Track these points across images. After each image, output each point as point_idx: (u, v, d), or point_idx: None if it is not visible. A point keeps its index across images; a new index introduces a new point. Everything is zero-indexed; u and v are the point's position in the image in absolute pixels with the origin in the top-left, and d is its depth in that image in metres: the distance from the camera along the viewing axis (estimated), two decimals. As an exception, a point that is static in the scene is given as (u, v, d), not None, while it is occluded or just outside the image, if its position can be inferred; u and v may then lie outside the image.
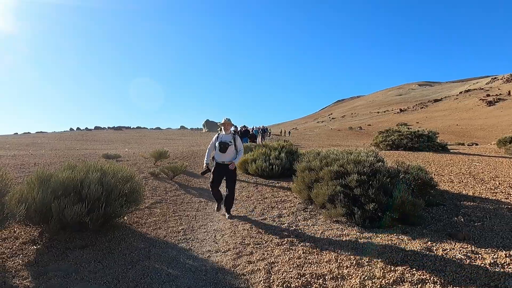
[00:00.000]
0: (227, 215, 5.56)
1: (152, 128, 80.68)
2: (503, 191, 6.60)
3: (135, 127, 79.08)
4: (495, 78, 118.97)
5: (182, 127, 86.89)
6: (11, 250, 3.85)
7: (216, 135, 5.66)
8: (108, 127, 74.86)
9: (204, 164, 5.57)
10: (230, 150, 5.44)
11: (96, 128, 73.74)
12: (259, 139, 24.66)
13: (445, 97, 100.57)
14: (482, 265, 3.32)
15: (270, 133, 35.51)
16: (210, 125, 70.32)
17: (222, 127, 5.60)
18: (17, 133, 54.87)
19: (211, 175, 5.52)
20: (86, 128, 72.17)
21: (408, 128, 18.51)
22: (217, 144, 5.49)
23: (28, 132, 57.44)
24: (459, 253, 3.63)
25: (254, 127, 27.03)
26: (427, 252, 3.70)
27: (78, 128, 71.72)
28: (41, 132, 59.17)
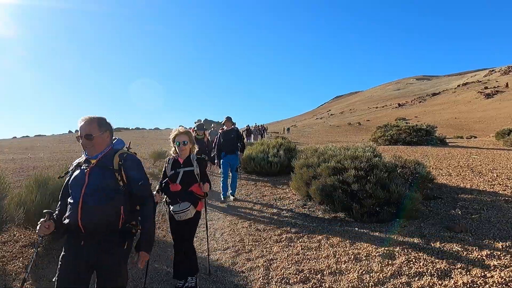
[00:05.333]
0: None
1: (151, 129, 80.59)
2: (501, 183, 6.62)
3: (133, 128, 78.98)
4: (493, 70, 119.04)
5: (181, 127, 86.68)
6: (11, 253, 3.86)
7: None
8: (107, 129, 74.83)
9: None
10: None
11: (95, 129, 73.72)
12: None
13: (443, 90, 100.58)
14: (479, 256, 3.35)
15: (263, 132, 32.51)
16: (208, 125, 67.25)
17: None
18: (15, 137, 54.75)
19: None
20: (85, 130, 72.02)
21: (407, 123, 18.55)
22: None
23: (27, 136, 57.32)
24: (456, 245, 3.66)
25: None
26: (425, 245, 3.73)
27: (77, 130, 71.53)
28: (40, 135, 59.07)
